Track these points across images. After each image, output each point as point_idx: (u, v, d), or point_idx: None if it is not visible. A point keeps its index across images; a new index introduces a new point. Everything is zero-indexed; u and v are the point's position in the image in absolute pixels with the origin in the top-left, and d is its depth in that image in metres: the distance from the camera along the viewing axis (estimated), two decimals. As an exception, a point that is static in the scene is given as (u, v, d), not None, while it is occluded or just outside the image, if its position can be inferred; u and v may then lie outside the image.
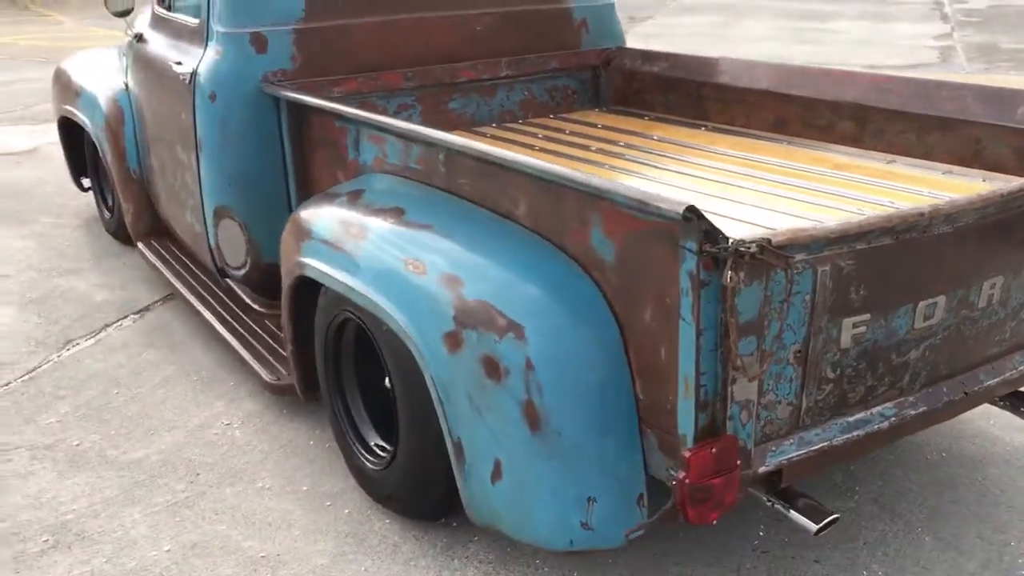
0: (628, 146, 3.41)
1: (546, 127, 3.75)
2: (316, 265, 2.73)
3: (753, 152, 3.22)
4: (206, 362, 3.68)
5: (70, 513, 2.79)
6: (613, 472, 2.19)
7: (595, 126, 3.74)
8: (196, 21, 3.52)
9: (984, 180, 2.78)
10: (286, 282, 2.95)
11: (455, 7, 3.72)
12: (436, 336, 2.30)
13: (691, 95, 3.70)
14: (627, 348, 2.16)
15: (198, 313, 3.84)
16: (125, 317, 4.11)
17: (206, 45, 3.42)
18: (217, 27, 3.36)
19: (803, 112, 3.29)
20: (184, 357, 3.73)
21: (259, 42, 3.36)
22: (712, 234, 1.80)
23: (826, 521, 2.09)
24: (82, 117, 4.65)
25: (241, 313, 3.71)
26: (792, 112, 3.33)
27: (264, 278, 3.58)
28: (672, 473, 2.00)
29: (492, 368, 2.19)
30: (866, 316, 2.07)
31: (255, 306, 3.72)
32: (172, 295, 4.30)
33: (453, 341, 2.26)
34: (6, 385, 3.55)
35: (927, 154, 2.95)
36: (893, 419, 2.23)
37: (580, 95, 4.07)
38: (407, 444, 2.59)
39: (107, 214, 5.01)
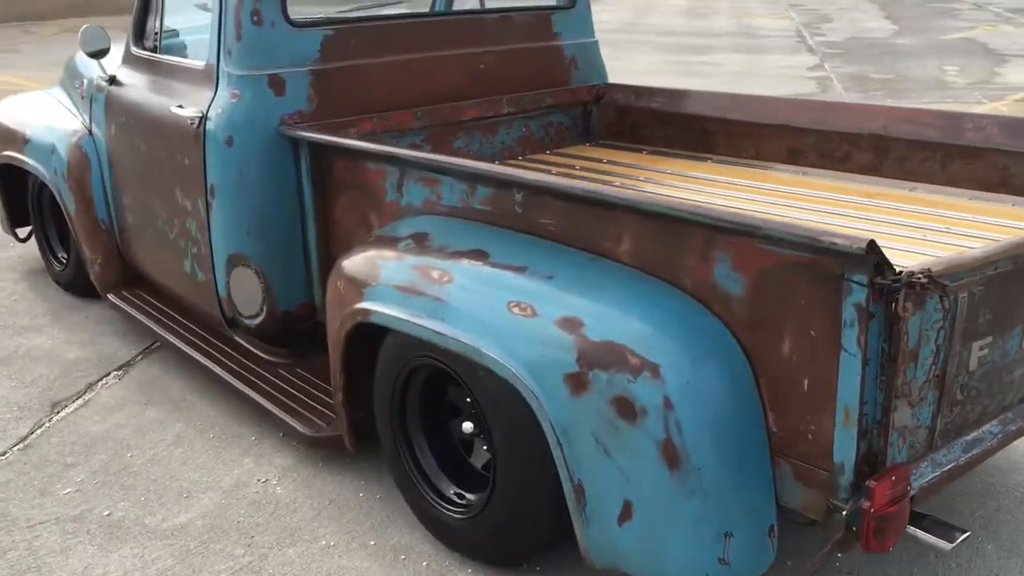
0: (648, 180, 3.46)
1: (552, 163, 3.76)
2: (387, 311, 2.65)
3: (776, 183, 3.32)
4: (217, 417, 3.51)
5: (128, 589, 2.62)
6: (748, 506, 2.21)
7: (600, 160, 3.77)
8: (200, 63, 3.38)
9: (1012, 205, 2.95)
10: (339, 330, 2.85)
11: (459, 46, 3.70)
12: (555, 379, 2.26)
13: (693, 129, 3.79)
14: (758, 381, 2.19)
15: (195, 366, 3.68)
16: (108, 375, 3.88)
17: (216, 88, 3.29)
18: (231, 69, 3.24)
19: (819, 143, 3.42)
20: (190, 414, 3.54)
21: (277, 84, 3.26)
22: (881, 267, 1.86)
23: (961, 539, 2.16)
24: (33, 164, 4.38)
25: (251, 364, 3.56)
26: (806, 143, 3.45)
27: (279, 327, 3.45)
28: (838, 504, 2.03)
29: (626, 408, 2.18)
30: (989, 339, 2.17)
31: (266, 356, 3.58)
32: (152, 348, 4.09)
33: (577, 383, 2.24)
34: (2, 455, 3.29)
35: (951, 181, 3.11)
36: (1000, 435, 2.33)
37: (571, 131, 4.10)
38: (504, 491, 2.54)
39: (57, 265, 4.72)
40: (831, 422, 2.05)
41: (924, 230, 2.74)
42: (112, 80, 3.93)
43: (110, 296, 4.19)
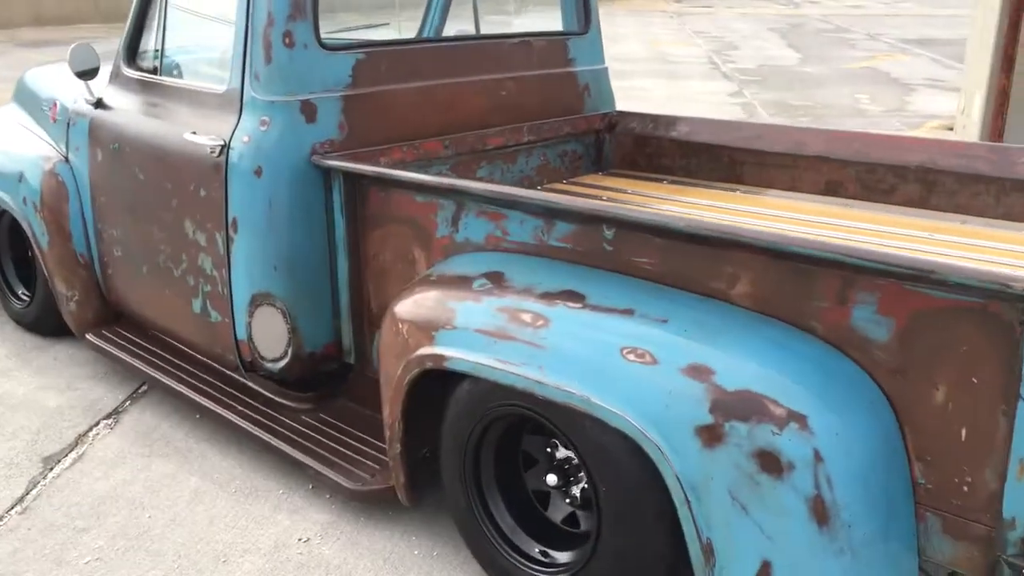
0: (686, 211, 3.35)
1: (578, 194, 3.62)
2: (468, 357, 2.46)
3: (818, 215, 3.24)
4: (234, 469, 3.24)
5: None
6: (895, 561, 2.10)
7: (624, 191, 3.65)
8: (220, 87, 3.13)
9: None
10: (400, 377, 2.64)
11: (483, 72, 3.54)
12: (685, 431, 2.12)
13: (720, 159, 3.70)
14: (902, 429, 2.08)
15: (194, 412, 3.41)
16: (97, 423, 3.54)
17: (241, 114, 3.04)
18: (259, 94, 3.01)
19: (861, 175, 3.37)
20: (203, 466, 3.26)
21: (309, 111, 3.03)
22: (1068, 310, 1.78)
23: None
24: (-3, 193, 4.01)
25: (269, 410, 3.30)
26: (846, 175, 3.40)
27: (304, 370, 3.21)
28: (1012, 560, 1.94)
29: (770, 462, 2.04)
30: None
31: (285, 402, 3.32)
32: (139, 392, 3.77)
33: (710, 435, 2.09)
34: (1, 521, 2.95)
35: (1006, 215, 3.09)
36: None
37: (585, 159, 3.97)
38: (609, 550, 2.37)
39: (17, 303, 4.33)
40: (995, 474, 1.96)
41: (1002, 264, 2.70)
42: (99, 103, 3.61)
43: (89, 336, 3.85)
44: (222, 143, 3.05)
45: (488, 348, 2.43)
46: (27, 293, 4.31)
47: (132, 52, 3.55)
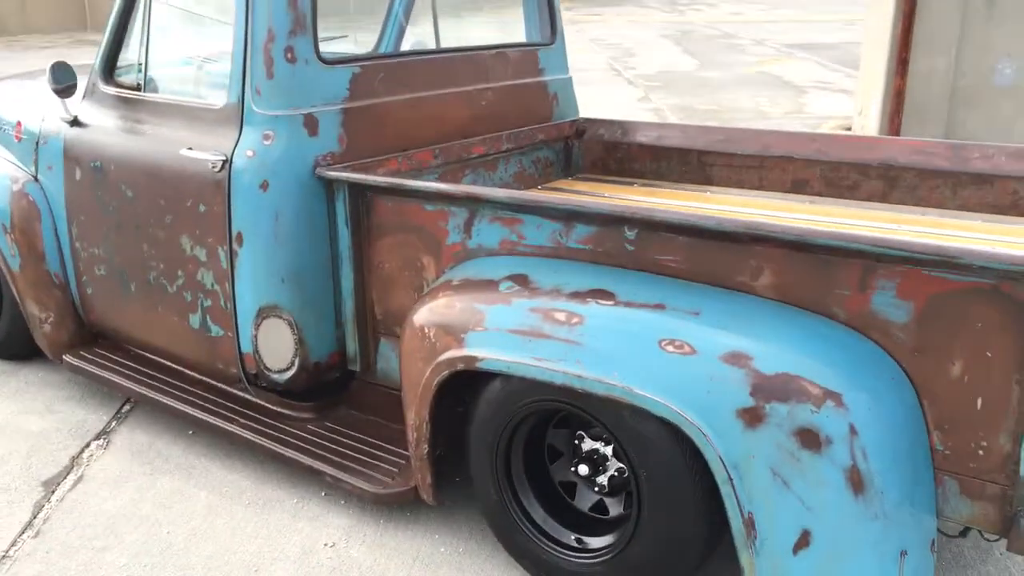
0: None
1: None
2: (501, 357, 2.57)
3: (789, 211, 3.45)
4: (241, 482, 3.26)
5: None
6: (919, 523, 2.30)
7: (602, 195, 3.80)
8: (217, 103, 3.16)
9: (1026, 225, 3.23)
10: (428, 379, 2.73)
11: (465, 83, 3.64)
12: (727, 414, 2.27)
13: (690, 162, 3.89)
14: (921, 402, 2.28)
15: (187, 428, 3.42)
16: (87, 445, 3.51)
17: (242, 128, 3.09)
18: (261, 109, 3.05)
19: (825, 173, 3.60)
20: (209, 480, 3.27)
21: (311, 124, 3.10)
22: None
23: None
24: (-45, 215, 3.92)
25: (272, 421, 3.33)
26: (811, 173, 3.63)
27: (310, 380, 3.26)
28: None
29: (810, 439, 2.21)
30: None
31: (288, 412, 3.36)
32: (123, 412, 3.75)
33: (752, 417, 2.25)
34: (13, 547, 2.92)
35: (962, 207, 3.36)
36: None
37: (555, 165, 4.12)
38: (649, 532, 2.50)
39: (-23, 328, 4.22)
40: (1009, 437, 2.17)
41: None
42: (74, 121, 3.58)
43: (67, 358, 3.79)
44: (224, 158, 3.08)
45: (523, 347, 2.54)
46: (-4, 318, 4.21)
47: (109, 69, 3.53)
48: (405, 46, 4.33)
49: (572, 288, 2.58)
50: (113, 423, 3.67)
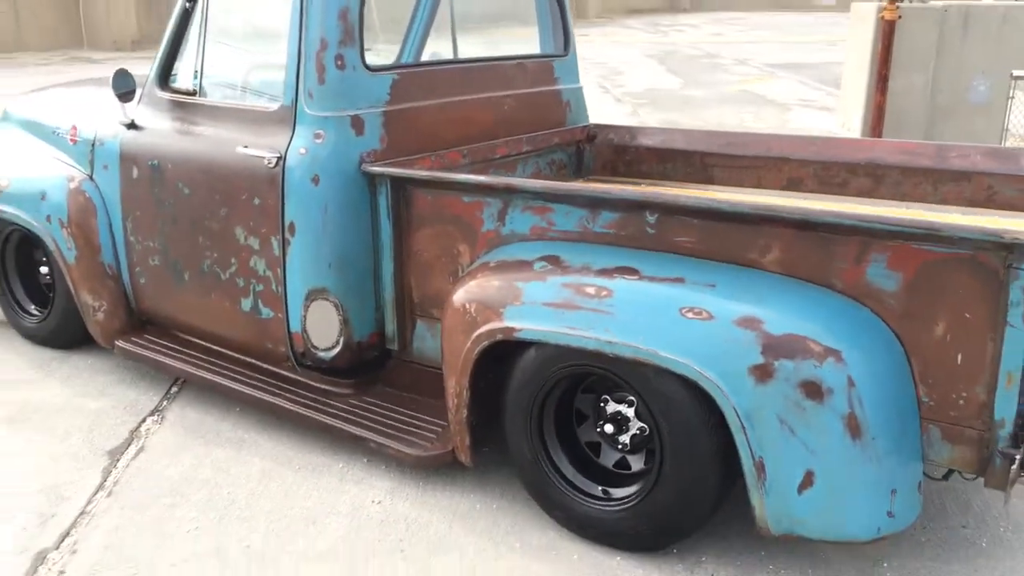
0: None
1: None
2: (538, 327, 2.90)
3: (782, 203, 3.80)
4: (289, 452, 3.56)
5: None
6: (907, 465, 2.64)
7: (612, 194, 4.14)
8: (272, 105, 3.49)
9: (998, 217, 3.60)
10: (469, 350, 3.05)
11: (489, 90, 3.99)
12: (740, 371, 2.61)
13: (693, 163, 4.25)
14: (909, 360, 2.63)
15: (234, 405, 3.74)
16: (143, 421, 3.81)
17: (295, 128, 3.41)
18: (313, 111, 3.38)
19: (818, 172, 3.96)
20: (259, 451, 3.57)
21: (358, 125, 3.43)
22: (1044, 254, 2.35)
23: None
24: (13, 213, 4.23)
25: (317, 397, 3.63)
26: (805, 173, 3.99)
27: (353, 357, 3.58)
28: (1007, 451, 2.49)
29: (813, 390, 2.55)
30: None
31: (331, 388, 3.66)
32: (172, 392, 4.05)
33: (762, 372, 2.59)
34: (90, 504, 3.21)
35: (942, 201, 3.72)
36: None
37: (568, 167, 4.46)
38: (670, 481, 2.83)
39: (30, 319, 4.51)
40: (985, 388, 2.52)
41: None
42: (131, 125, 3.90)
43: (119, 343, 4.09)
44: (278, 155, 3.41)
45: (557, 318, 2.87)
46: (39, 309, 4.50)
47: (165, 76, 3.85)
48: (424, 57, 4.67)
49: (600, 266, 2.92)
50: (164, 402, 3.97)
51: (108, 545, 2.97)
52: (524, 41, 4.65)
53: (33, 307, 4.54)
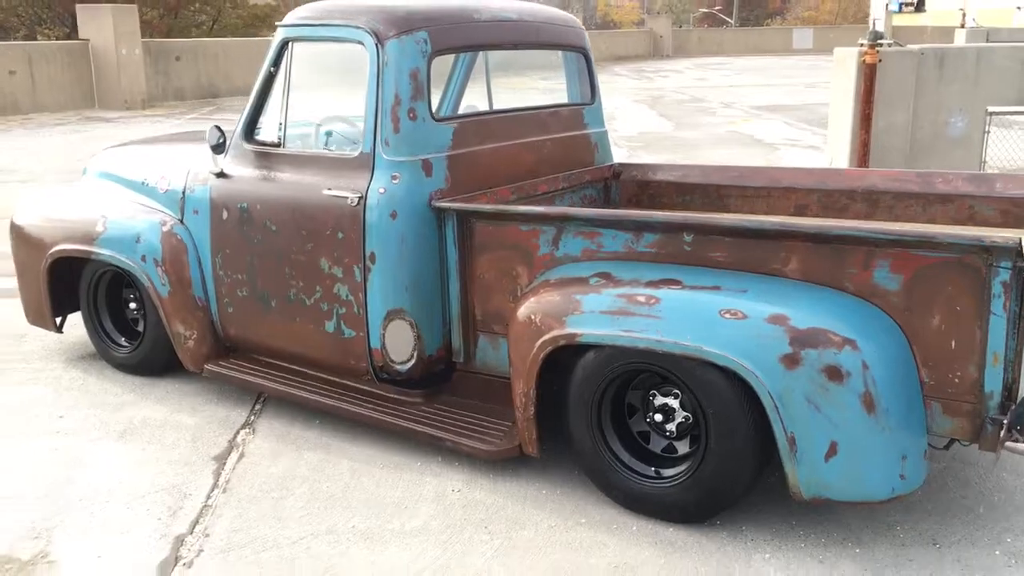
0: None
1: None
2: (597, 331, 3.44)
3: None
4: (371, 454, 4.06)
5: None
6: (914, 435, 3.17)
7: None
8: (353, 152, 4.04)
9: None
10: (535, 355, 3.57)
11: (532, 135, 4.56)
12: (772, 360, 3.15)
13: (709, 195, 4.82)
14: (912, 347, 3.17)
15: (315, 417, 4.24)
16: (237, 433, 4.31)
17: (373, 172, 3.96)
18: (390, 156, 3.94)
19: (821, 199, 4.53)
20: (345, 454, 4.06)
21: (427, 167, 3.99)
22: (1020, 255, 2.91)
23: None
24: (109, 255, 4.75)
25: (392, 406, 4.14)
26: (810, 199, 4.56)
27: (424, 370, 4.10)
28: (997, 417, 3.03)
29: (834, 373, 3.09)
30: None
31: (403, 398, 4.17)
32: (257, 409, 4.55)
33: (791, 360, 3.13)
34: (209, 499, 3.71)
35: (930, 220, 4.30)
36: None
37: (597, 201, 5.03)
38: (714, 458, 3.35)
39: (120, 350, 5.02)
40: (976, 367, 3.06)
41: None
42: (220, 174, 4.44)
43: (208, 367, 4.61)
44: (360, 195, 3.96)
45: (613, 323, 3.41)
46: (129, 341, 5.01)
47: (250, 131, 4.40)
48: (461, 108, 5.25)
49: (647, 279, 3.47)
50: (252, 417, 4.48)
51: (235, 529, 3.47)
52: (543, 91, 5.26)
53: (122, 339, 5.04)
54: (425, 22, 4.04)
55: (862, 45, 10.32)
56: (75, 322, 5.24)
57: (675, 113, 19.13)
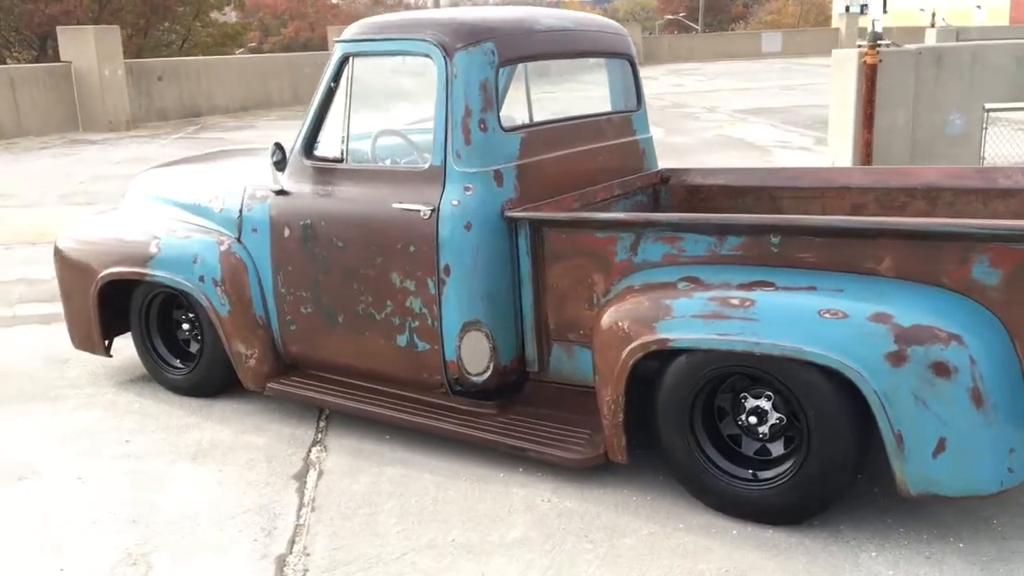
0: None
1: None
2: (690, 336, 3.44)
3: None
4: (452, 467, 4.03)
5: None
6: (1020, 428, 3.20)
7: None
8: (422, 166, 4.02)
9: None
10: (625, 362, 3.57)
11: (589, 143, 4.57)
12: (877, 358, 3.16)
13: (762, 197, 4.84)
14: (1013, 340, 3.20)
15: (383, 431, 4.23)
16: (309, 451, 4.27)
17: (445, 184, 3.94)
18: (462, 168, 3.93)
19: (879, 198, 4.56)
20: (425, 467, 4.03)
21: (498, 178, 3.98)
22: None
23: None
24: (164, 276, 4.69)
25: (468, 419, 4.11)
26: (867, 199, 4.59)
27: (499, 381, 4.08)
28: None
29: (942, 369, 3.11)
30: None
31: (477, 410, 4.15)
32: (322, 426, 4.51)
33: (897, 358, 3.15)
34: (299, 518, 3.66)
35: (990, 215, 4.34)
36: None
37: (647, 207, 5.04)
38: (815, 458, 3.36)
39: (175, 372, 4.95)
40: (1077, 358, 3.10)
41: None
42: (280, 191, 4.40)
43: (270, 385, 4.56)
44: (432, 208, 3.94)
45: (707, 327, 3.42)
46: (184, 363, 4.95)
47: (309, 147, 4.37)
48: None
49: (737, 282, 3.47)
50: (319, 434, 4.44)
51: (335, 547, 3.44)
52: (586, 98, 5.27)
53: (177, 360, 4.98)
54: (491, 33, 4.03)
55: (861, 46, 10.44)
56: (118, 345, 5.18)
57: (660, 119, 19.19)
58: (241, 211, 4.60)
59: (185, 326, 4.95)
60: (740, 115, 19.55)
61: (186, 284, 4.64)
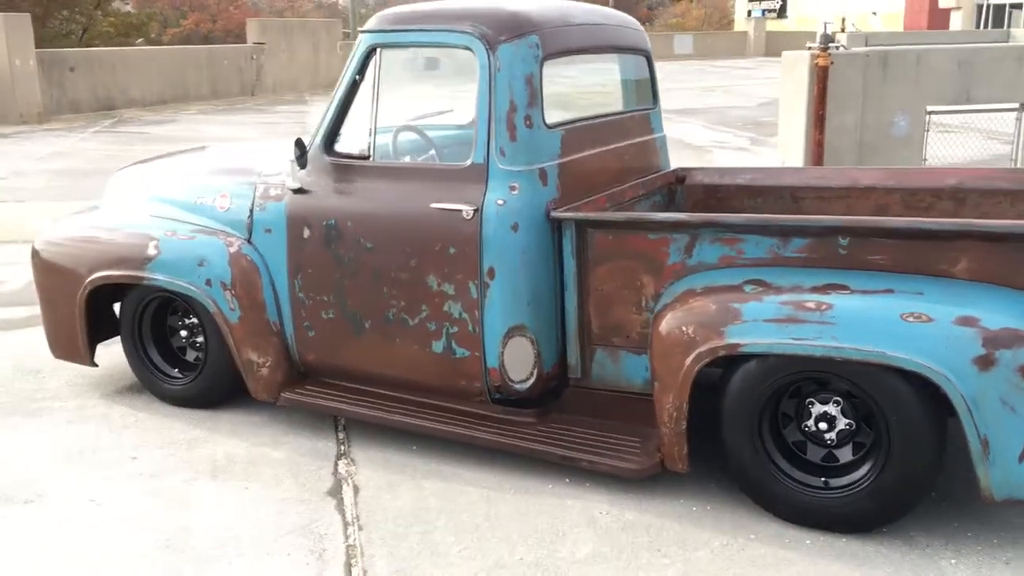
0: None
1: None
2: (762, 340, 3.33)
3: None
4: (495, 479, 3.84)
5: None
6: (1102, 428, 3.18)
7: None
8: (464, 163, 3.82)
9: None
10: (689, 368, 3.45)
11: (617, 140, 4.44)
12: (964, 362, 3.10)
13: (783, 197, 4.77)
14: (1093, 343, 3.18)
15: (411, 441, 4.04)
16: (336, 464, 4.03)
17: (488, 183, 3.76)
18: (506, 166, 3.75)
19: (904, 198, 4.54)
20: (472, 480, 3.82)
21: (543, 176, 3.82)
22: None
23: None
24: (165, 280, 4.38)
25: (506, 428, 3.93)
26: (892, 199, 4.57)
27: (542, 387, 3.92)
28: None
29: (1029, 373, 3.07)
30: None
31: (515, 418, 3.96)
32: (342, 437, 4.27)
33: (984, 362, 3.09)
34: (347, 538, 3.43)
35: (1018, 216, 4.35)
36: None
37: (663, 207, 4.93)
38: (893, 465, 3.28)
39: (173, 382, 4.63)
40: None
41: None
42: (297, 190, 4.15)
43: (285, 395, 4.29)
44: (475, 207, 3.75)
45: (780, 332, 3.31)
46: (184, 372, 4.63)
47: (330, 143, 4.12)
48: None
49: (809, 285, 3.38)
50: (341, 446, 4.19)
51: (397, 570, 3.22)
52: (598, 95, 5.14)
53: (174, 370, 4.66)
54: (533, 26, 3.86)
55: (811, 48, 10.55)
56: (99, 353, 4.82)
57: (592, 118, 19.22)
58: (252, 211, 4.32)
59: (183, 333, 4.64)
60: (667, 115, 19.63)
61: (190, 288, 4.34)
